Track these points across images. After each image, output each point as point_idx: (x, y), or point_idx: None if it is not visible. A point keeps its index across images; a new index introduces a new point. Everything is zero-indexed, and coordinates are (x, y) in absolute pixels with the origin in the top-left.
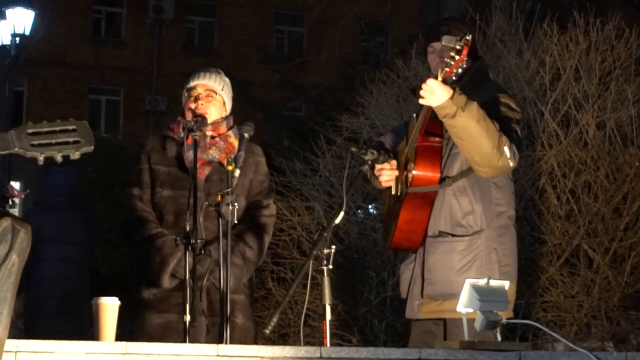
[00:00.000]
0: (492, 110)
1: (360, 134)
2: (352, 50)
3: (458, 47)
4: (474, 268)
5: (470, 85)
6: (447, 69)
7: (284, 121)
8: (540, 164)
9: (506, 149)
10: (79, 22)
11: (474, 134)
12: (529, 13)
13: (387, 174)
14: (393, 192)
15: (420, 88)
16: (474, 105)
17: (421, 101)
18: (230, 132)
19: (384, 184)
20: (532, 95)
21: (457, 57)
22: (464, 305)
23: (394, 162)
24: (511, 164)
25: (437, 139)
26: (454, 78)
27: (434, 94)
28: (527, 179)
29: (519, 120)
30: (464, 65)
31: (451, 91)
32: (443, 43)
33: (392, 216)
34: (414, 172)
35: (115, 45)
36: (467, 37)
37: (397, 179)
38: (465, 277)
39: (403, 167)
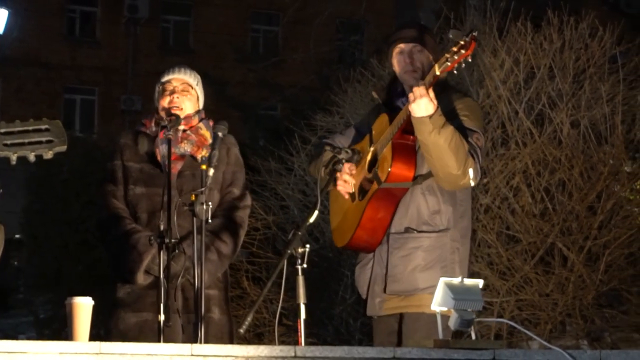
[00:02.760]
0: (459, 122)
1: (335, 132)
2: (327, 50)
3: (463, 42)
4: (438, 266)
5: (433, 91)
6: (449, 64)
7: (259, 120)
8: (515, 163)
9: (470, 171)
10: (53, 22)
11: (443, 156)
12: (503, 12)
13: (346, 179)
14: (351, 190)
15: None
16: (450, 129)
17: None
18: (201, 124)
19: (340, 188)
20: (506, 93)
21: (462, 52)
22: (438, 303)
23: (351, 166)
24: (472, 184)
25: (412, 137)
26: (455, 72)
27: (420, 105)
28: (501, 178)
29: (483, 124)
30: (469, 60)
31: (434, 109)
32: (450, 37)
33: (349, 215)
34: (390, 168)
35: (90, 45)
36: (474, 33)
37: (356, 178)
38: (430, 274)
39: (369, 165)
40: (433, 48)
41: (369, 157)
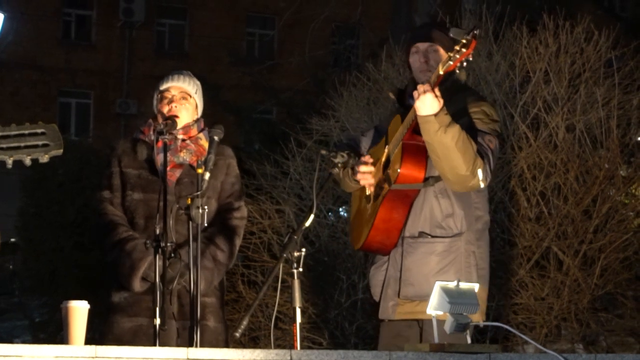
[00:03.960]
0: (469, 122)
1: (331, 136)
2: (323, 53)
3: (465, 40)
4: (452, 270)
5: (448, 92)
6: (451, 62)
7: (255, 124)
8: (510, 167)
9: (479, 172)
10: (49, 25)
11: (450, 155)
12: (498, 16)
13: (365, 175)
14: (367, 192)
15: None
16: (456, 128)
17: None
18: (201, 135)
19: (364, 183)
20: (501, 97)
21: (463, 50)
22: (434, 307)
23: (368, 157)
24: (482, 185)
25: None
26: (457, 71)
27: (424, 102)
28: (497, 182)
29: (499, 129)
30: (470, 59)
31: (439, 107)
32: (451, 35)
33: (364, 217)
34: (399, 169)
35: (85, 48)
36: (476, 31)
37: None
38: (444, 279)
39: (382, 167)
40: (449, 48)
41: (383, 159)
